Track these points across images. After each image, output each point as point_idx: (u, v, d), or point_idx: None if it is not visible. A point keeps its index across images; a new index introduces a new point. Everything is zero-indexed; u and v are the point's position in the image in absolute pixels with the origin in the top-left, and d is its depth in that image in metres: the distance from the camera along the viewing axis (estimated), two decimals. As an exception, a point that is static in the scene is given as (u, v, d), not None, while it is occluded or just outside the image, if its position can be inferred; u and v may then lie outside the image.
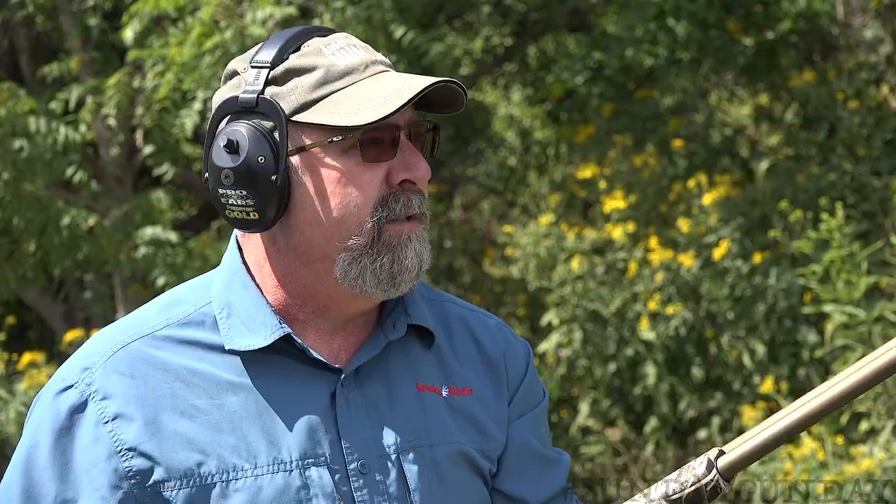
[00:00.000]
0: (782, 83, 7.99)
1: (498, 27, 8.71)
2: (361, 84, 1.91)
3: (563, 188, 7.97)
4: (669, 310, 6.74)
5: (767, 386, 6.29)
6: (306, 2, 6.67)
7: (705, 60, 7.89)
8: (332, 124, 1.89)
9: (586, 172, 7.45)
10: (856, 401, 5.98)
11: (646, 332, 6.74)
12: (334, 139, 1.89)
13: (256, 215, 1.91)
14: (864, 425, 5.87)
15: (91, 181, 6.80)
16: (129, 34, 6.18)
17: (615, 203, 7.12)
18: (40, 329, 8.63)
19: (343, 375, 1.93)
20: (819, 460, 5.58)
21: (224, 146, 1.91)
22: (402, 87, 1.89)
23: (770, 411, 6.43)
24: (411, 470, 1.93)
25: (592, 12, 8.15)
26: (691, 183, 7.24)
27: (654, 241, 6.93)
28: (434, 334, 2.01)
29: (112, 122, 6.61)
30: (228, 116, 1.93)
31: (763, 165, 7.50)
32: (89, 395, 1.90)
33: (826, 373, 6.42)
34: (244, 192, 1.90)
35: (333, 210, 1.90)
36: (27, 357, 6.68)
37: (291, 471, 1.89)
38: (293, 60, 1.92)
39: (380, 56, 1.96)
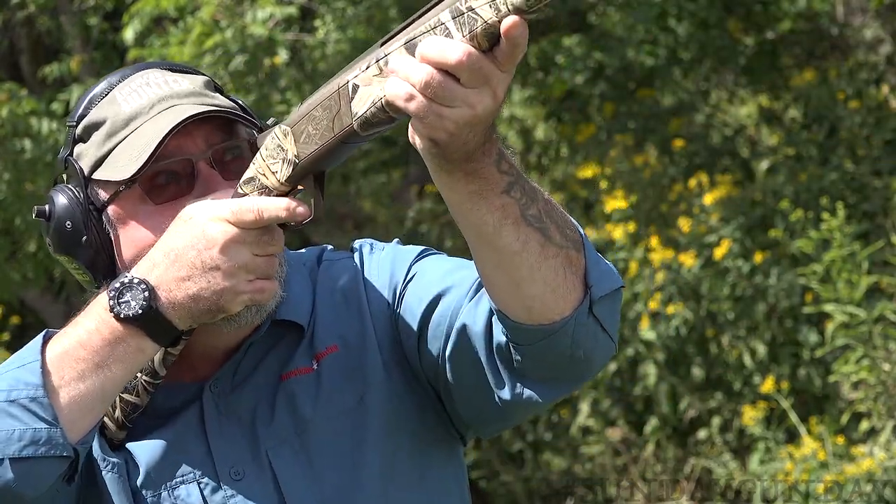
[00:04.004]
0: (783, 83, 7.99)
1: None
2: (141, 129, 1.84)
3: (564, 188, 7.96)
4: (670, 309, 6.74)
5: (768, 386, 6.29)
6: (307, 2, 6.67)
7: (705, 60, 7.89)
8: (110, 180, 1.85)
9: (587, 172, 7.45)
10: (856, 401, 5.98)
11: (646, 331, 6.74)
12: (121, 190, 1.84)
13: (88, 277, 1.89)
14: (864, 425, 5.87)
15: (92, 181, 6.81)
16: (129, 34, 6.18)
17: (616, 203, 7.12)
18: (41, 329, 8.63)
19: (206, 388, 1.90)
20: (819, 460, 5.59)
21: (36, 216, 1.90)
22: (161, 131, 1.81)
23: (771, 411, 6.44)
24: (279, 466, 1.89)
25: (593, 11, 8.16)
26: (692, 183, 7.25)
27: (654, 241, 6.93)
28: (302, 326, 1.92)
29: (113, 122, 6.62)
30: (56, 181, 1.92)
31: (763, 165, 7.50)
32: None
33: (827, 373, 6.42)
34: (66, 258, 1.89)
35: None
36: (28, 357, 6.68)
37: (160, 493, 1.87)
38: (91, 114, 1.87)
39: (180, 87, 1.87)
